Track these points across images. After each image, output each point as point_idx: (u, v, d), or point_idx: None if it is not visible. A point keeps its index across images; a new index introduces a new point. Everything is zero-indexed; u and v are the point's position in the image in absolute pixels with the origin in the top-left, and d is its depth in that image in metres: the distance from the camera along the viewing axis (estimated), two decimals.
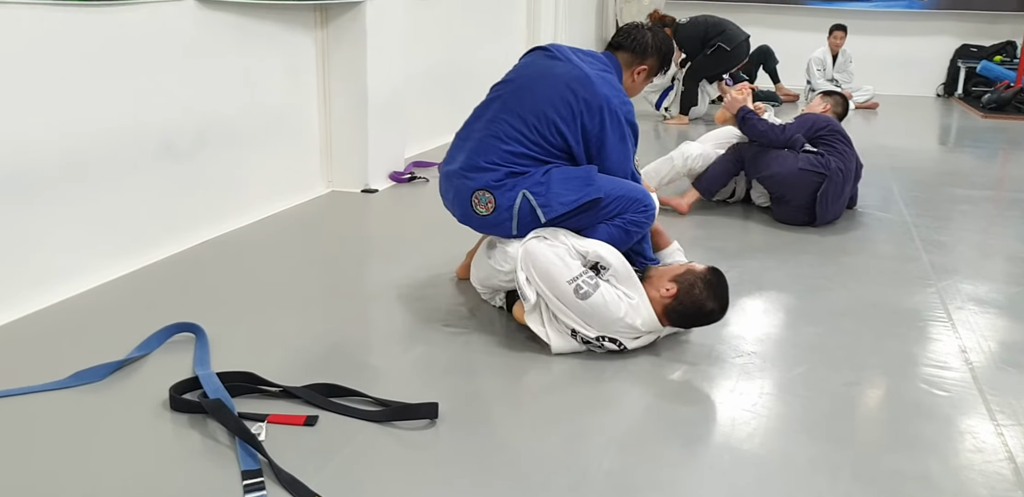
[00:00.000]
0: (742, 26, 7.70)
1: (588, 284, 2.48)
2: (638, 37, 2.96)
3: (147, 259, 3.26)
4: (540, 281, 2.51)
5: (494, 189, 2.68)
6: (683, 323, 2.65)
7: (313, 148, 4.46)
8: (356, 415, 2.14)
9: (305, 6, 4.15)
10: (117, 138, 3.08)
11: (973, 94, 10.17)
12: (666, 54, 3.02)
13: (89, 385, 2.26)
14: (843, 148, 4.22)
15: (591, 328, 2.51)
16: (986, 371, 2.58)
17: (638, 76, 3.01)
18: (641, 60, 2.98)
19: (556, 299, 2.50)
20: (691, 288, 2.57)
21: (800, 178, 4.09)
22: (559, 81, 2.73)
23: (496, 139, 2.71)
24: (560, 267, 2.50)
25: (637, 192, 2.78)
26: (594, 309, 2.47)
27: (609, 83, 2.78)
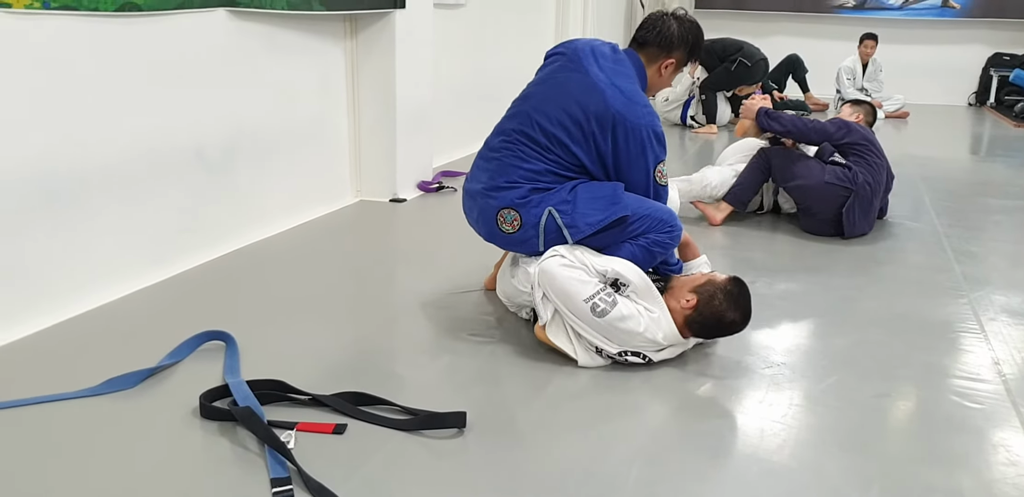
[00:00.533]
0: (772, 35, 7.78)
1: (605, 302, 2.45)
2: (663, 29, 2.81)
3: (178, 268, 3.30)
4: (558, 300, 2.51)
5: (519, 207, 2.67)
6: (704, 334, 2.63)
7: (342, 157, 4.49)
8: (384, 424, 2.14)
9: (335, 16, 4.19)
10: (148, 148, 3.12)
11: (1006, 103, 10.07)
12: (694, 44, 2.85)
13: (121, 392, 2.29)
14: (874, 160, 4.17)
15: (612, 344, 2.51)
16: (1019, 383, 2.55)
17: (665, 70, 2.86)
18: (668, 53, 2.83)
19: (575, 317, 2.49)
20: (711, 299, 2.55)
21: (826, 191, 4.05)
22: (571, 99, 2.67)
23: (516, 158, 2.70)
24: (577, 286, 2.47)
25: (663, 212, 2.72)
26: (613, 326, 2.46)
27: (625, 95, 2.67)
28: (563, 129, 2.67)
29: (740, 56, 7.49)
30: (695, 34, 2.87)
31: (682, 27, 2.84)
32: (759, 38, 9.75)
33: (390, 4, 4.31)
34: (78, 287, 2.87)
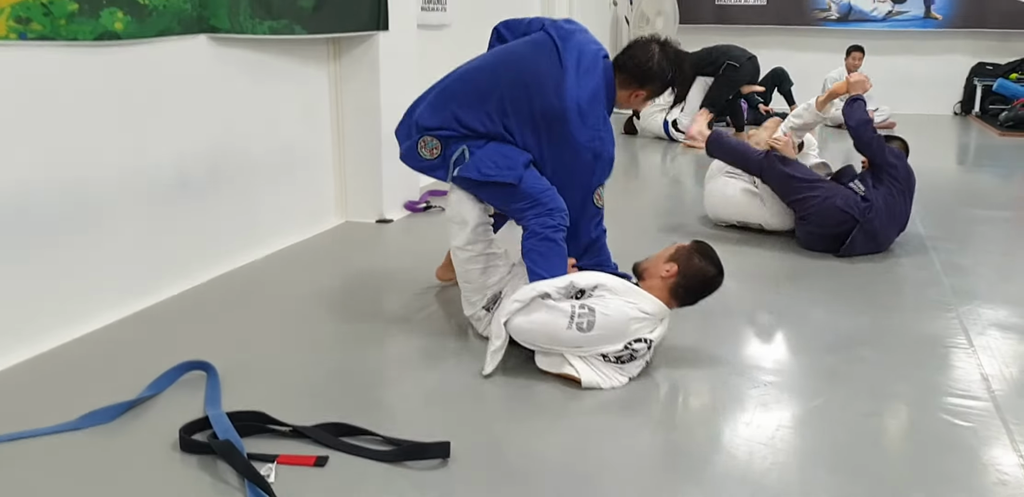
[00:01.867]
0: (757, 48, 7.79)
1: (583, 315, 2.50)
2: (644, 60, 2.84)
3: (160, 295, 3.27)
4: (548, 345, 2.56)
5: (443, 139, 2.85)
6: (691, 298, 2.72)
7: (327, 179, 4.48)
8: (367, 455, 2.11)
9: (318, 40, 4.18)
10: (130, 176, 3.10)
11: (990, 112, 10.11)
12: (671, 79, 2.88)
13: (99, 426, 2.25)
14: (897, 192, 4.10)
15: (616, 343, 2.53)
16: (1009, 399, 2.53)
17: (635, 98, 2.93)
18: (641, 85, 2.88)
19: (572, 348, 2.54)
20: (689, 260, 2.69)
21: (833, 214, 4.02)
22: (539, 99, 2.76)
23: (466, 113, 2.81)
24: (552, 323, 2.52)
25: (553, 201, 2.76)
26: (605, 328, 2.51)
27: (583, 118, 2.75)
28: (518, 119, 2.78)
29: (726, 59, 7.53)
30: (675, 67, 2.87)
31: (664, 60, 2.85)
32: None
33: (373, 26, 4.31)
34: (56, 318, 2.84)
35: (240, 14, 3.46)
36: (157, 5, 3.06)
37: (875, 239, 4.08)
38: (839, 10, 11.02)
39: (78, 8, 2.73)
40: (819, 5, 11.05)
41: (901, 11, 10.87)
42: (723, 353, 2.86)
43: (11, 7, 2.53)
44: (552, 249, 2.75)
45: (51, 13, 2.65)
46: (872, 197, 4.06)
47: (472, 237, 2.85)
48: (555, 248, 2.75)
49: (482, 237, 2.87)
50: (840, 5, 11.01)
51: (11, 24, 2.54)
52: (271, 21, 3.62)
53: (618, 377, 2.57)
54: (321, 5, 3.88)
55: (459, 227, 2.87)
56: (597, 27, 9.52)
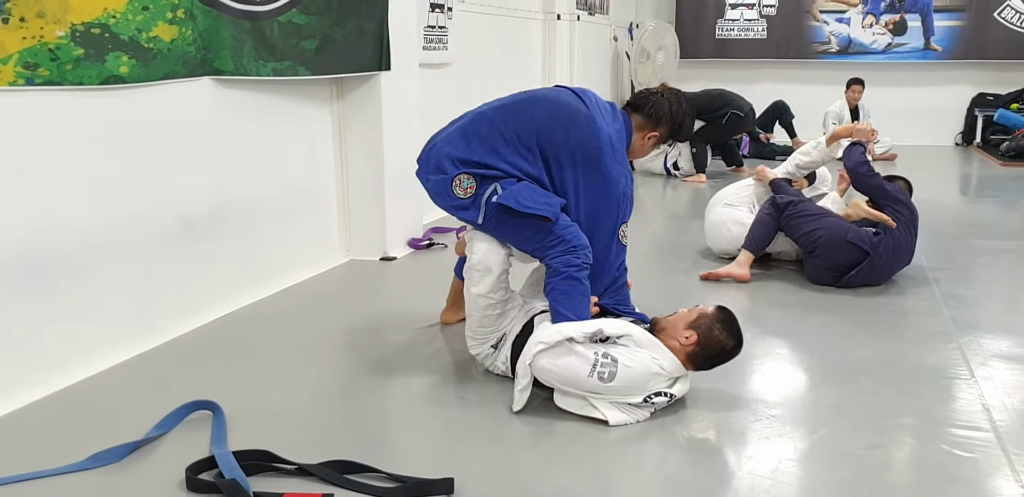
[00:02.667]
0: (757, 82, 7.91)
1: (606, 365, 2.51)
2: (656, 104, 3.02)
3: (166, 336, 3.30)
4: (568, 387, 2.58)
5: (479, 178, 2.78)
6: (707, 365, 2.72)
7: (331, 218, 4.53)
8: (371, 492, 2.13)
9: (321, 80, 4.25)
10: (135, 218, 3.15)
11: (992, 142, 10.17)
12: (680, 124, 3.06)
13: (107, 466, 2.27)
14: (903, 227, 4.13)
15: (636, 395, 2.56)
16: (1011, 430, 2.54)
17: (647, 141, 3.06)
18: (654, 127, 3.04)
19: (591, 393, 2.56)
20: (710, 331, 2.66)
21: (843, 249, 4.05)
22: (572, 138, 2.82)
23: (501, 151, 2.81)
24: (575, 369, 2.53)
25: (576, 238, 2.77)
26: (625, 381, 2.53)
27: (617, 160, 2.88)
28: (555, 154, 2.82)
29: (731, 109, 7.62)
30: (683, 115, 3.05)
31: (673, 106, 3.03)
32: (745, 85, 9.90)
33: (376, 66, 4.39)
34: (63, 360, 2.87)
35: (244, 56, 3.53)
36: (162, 48, 3.13)
37: (879, 272, 4.10)
38: (839, 43, 11.13)
39: (84, 53, 2.80)
40: (819, 38, 11.16)
41: (901, 43, 10.97)
42: (726, 385, 2.88)
43: (19, 53, 2.60)
44: (576, 288, 2.75)
45: (58, 58, 2.72)
46: (883, 230, 4.10)
47: (495, 285, 2.81)
48: (579, 287, 2.75)
49: (503, 284, 2.85)
50: (840, 38, 11.12)
51: (19, 70, 2.61)
52: (275, 63, 3.70)
53: (641, 412, 2.60)
54: (324, 46, 3.96)
55: (481, 274, 2.80)
56: (598, 62, 9.64)
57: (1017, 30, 10.52)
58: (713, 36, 11.33)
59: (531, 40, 7.72)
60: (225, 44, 3.44)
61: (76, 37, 2.77)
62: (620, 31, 10.39)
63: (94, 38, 2.83)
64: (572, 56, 8.25)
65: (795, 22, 11.15)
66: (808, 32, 11.16)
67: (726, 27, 11.33)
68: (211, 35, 3.37)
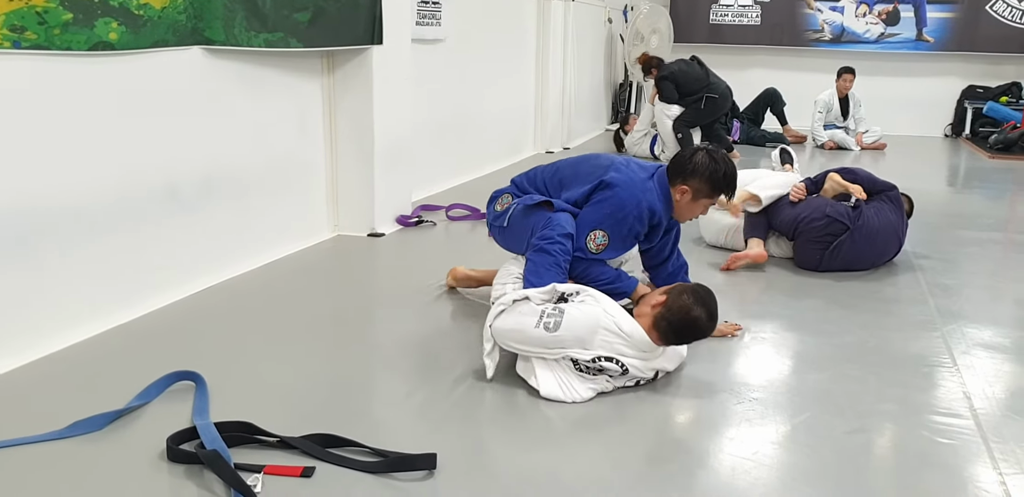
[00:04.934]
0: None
1: (552, 316, 2.57)
2: (683, 159, 3.06)
3: (150, 306, 3.28)
4: (517, 345, 2.61)
5: (516, 196, 3.22)
6: (673, 334, 2.65)
7: (319, 193, 4.50)
8: (353, 466, 2.12)
9: (312, 53, 4.21)
10: (121, 187, 3.12)
11: (980, 134, 10.20)
12: (717, 181, 3.02)
13: (87, 435, 2.26)
14: (890, 209, 4.16)
15: (585, 351, 2.56)
16: (991, 418, 2.55)
17: (681, 196, 3.06)
18: (682, 179, 3.04)
19: (541, 348, 2.58)
20: (679, 296, 2.67)
21: (823, 221, 4.08)
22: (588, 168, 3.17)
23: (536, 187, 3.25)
24: (523, 322, 2.59)
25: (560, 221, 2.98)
26: (570, 330, 2.55)
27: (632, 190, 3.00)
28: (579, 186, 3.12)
29: (706, 92, 7.62)
30: (713, 171, 3.01)
31: (701, 160, 3.02)
32: (737, 71, 9.90)
33: (368, 40, 4.34)
34: (44, 328, 2.85)
35: (235, 26, 3.49)
36: (152, 16, 3.09)
37: (861, 249, 4.11)
38: (832, 31, 11.12)
39: (72, 17, 2.75)
40: (812, 26, 11.15)
41: (893, 33, 10.97)
42: (710, 369, 2.89)
43: (5, 15, 2.55)
44: (544, 259, 2.90)
45: (46, 22, 2.68)
46: (862, 206, 4.14)
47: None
48: (547, 258, 2.90)
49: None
50: (833, 26, 11.11)
51: (5, 32, 2.56)
52: (266, 34, 3.66)
53: (580, 391, 2.58)
54: (316, 19, 3.91)
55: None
56: (591, 44, 9.60)
57: (1008, 23, 10.54)
58: (707, 21, 11.31)
59: (525, 20, 7.67)
60: (217, 14, 3.39)
61: (65, 1, 2.72)
62: (615, 13, 10.34)
63: (83, 3, 2.79)
64: (566, 37, 8.20)
65: (789, 9, 11.13)
66: (802, 20, 11.15)
67: (720, 12, 11.30)
68: (203, 4, 3.33)
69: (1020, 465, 2.26)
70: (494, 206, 3.29)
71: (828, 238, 4.09)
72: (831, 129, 9.34)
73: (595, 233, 2.99)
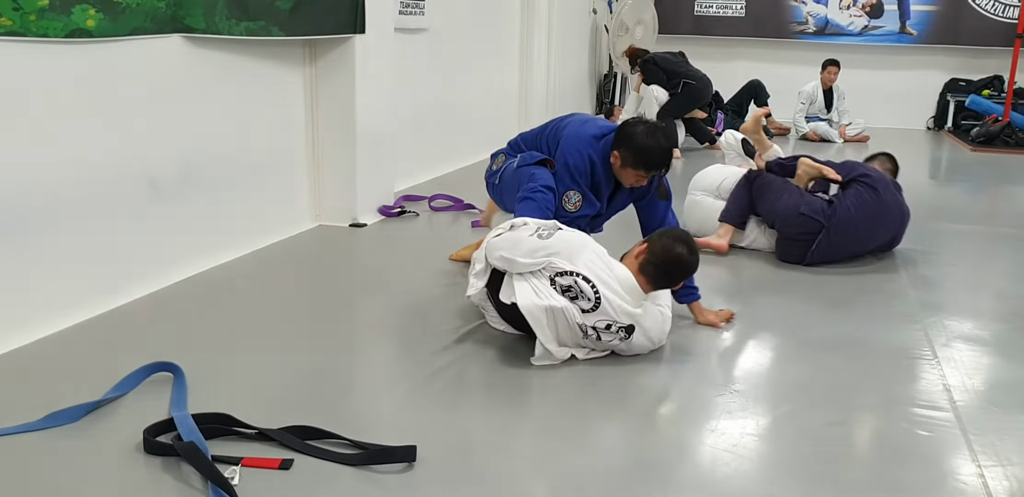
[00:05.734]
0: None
1: (547, 229, 2.78)
2: (623, 128, 3.22)
3: (128, 296, 3.24)
4: (507, 252, 2.71)
5: (509, 155, 3.48)
6: (662, 275, 2.77)
7: (301, 182, 4.47)
8: (332, 458, 2.11)
9: (294, 42, 4.17)
10: (99, 176, 3.08)
11: (962, 127, 10.25)
12: (637, 153, 3.14)
13: (62, 427, 2.23)
14: (873, 202, 4.12)
15: (570, 259, 2.65)
16: (970, 411, 2.56)
17: (615, 160, 3.23)
18: (616, 145, 3.22)
19: (528, 254, 2.67)
20: (659, 238, 2.84)
21: (798, 220, 4.08)
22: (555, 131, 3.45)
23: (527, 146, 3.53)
24: (517, 235, 2.77)
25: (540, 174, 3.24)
26: (562, 240, 2.72)
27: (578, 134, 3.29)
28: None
29: (683, 79, 7.64)
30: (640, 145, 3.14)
31: (640, 133, 3.15)
32: (721, 63, 9.91)
33: (350, 29, 4.31)
34: (21, 319, 2.81)
35: (216, 14, 3.45)
36: (130, 3, 3.05)
37: (843, 243, 4.10)
38: (816, 23, 11.13)
39: (49, 3, 2.71)
40: (796, 18, 11.15)
41: (877, 26, 10.99)
42: (690, 360, 2.89)
43: None
44: (530, 205, 3.13)
45: (21, 8, 2.63)
46: (838, 200, 4.12)
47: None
48: (532, 204, 3.13)
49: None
50: (817, 18, 11.11)
51: None
52: (248, 22, 3.62)
53: (556, 296, 2.64)
54: (298, 7, 3.88)
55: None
56: (576, 35, 9.57)
57: (991, 17, 10.57)
58: (692, 12, 11.28)
59: (509, 10, 7.63)
60: (197, 1, 3.35)
61: None
62: (600, 4, 10.31)
63: None
64: (550, 27, 8.17)
65: (773, 1, 11.11)
66: (786, 12, 11.14)
67: (705, 4, 11.28)
68: None
69: (998, 457, 2.27)
70: (492, 164, 3.56)
71: (806, 236, 4.08)
72: (814, 121, 9.36)
73: (567, 194, 3.19)
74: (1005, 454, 2.29)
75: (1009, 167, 7.92)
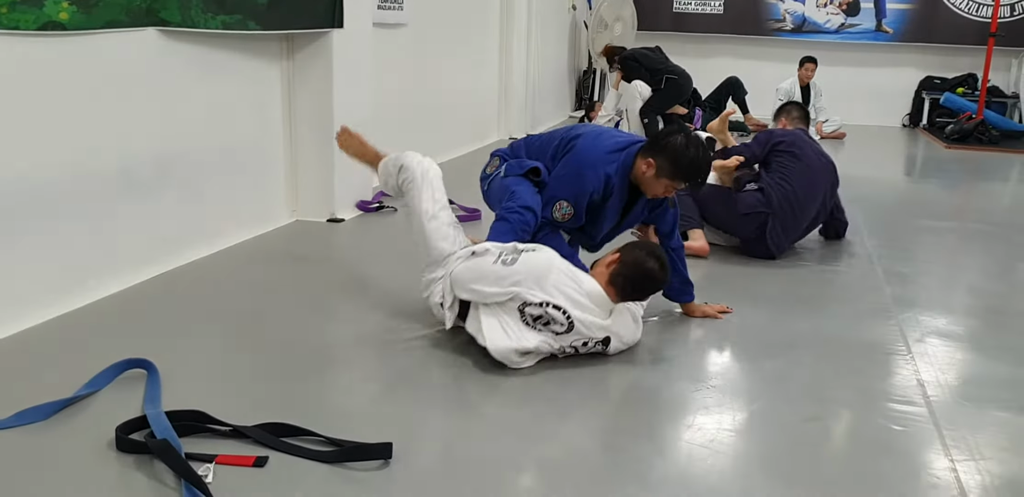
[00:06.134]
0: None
1: (509, 254, 2.70)
2: (663, 136, 3.10)
3: (102, 292, 3.21)
4: (473, 284, 2.68)
5: (503, 158, 3.40)
6: (628, 288, 2.73)
7: (278, 177, 4.44)
8: (307, 455, 2.10)
9: (271, 36, 4.14)
10: (71, 170, 3.05)
11: (937, 125, 10.32)
12: (681, 165, 3.00)
13: (33, 424, 2.21)
14: (799, 167, 4.15)
15: (534, 289, 2.61)
16: (943, 406, 2.58)
17: (647, 168, 3.04)
18: (652, 153, 3.05)
19: (494, 283, 2.64)
20: (631, 251, 2.78)
21: (743, 222, 4.14)
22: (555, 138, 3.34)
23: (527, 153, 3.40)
24: (481, 262, 2.71)
25: (522, 193, 3.12)
26: (526, 264, 2.65)
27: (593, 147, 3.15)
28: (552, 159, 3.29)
29: (665, 74, 7.67)
30: (686, 157, 3.00)
31: (679, 143, 3.02)
32: (700, 60, 9.91)
33: (328, 23, 4.28)
34: None
35: (192, 8, 3.42)
36: None
37: (795, 221, 4.14)
38: (793, 21, 11.18)
39: None
40: (774, 15, 11.19)
41: (854, 24, 11.05)
42: (667, 356, 2.89)
43: None
44: (504, 226, 3.05)
45: None
46: (767, 185, 4.16)
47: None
48: (506, 225, 3.05)
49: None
50: (794, 16, 11.17)
51: None
52: (224, 16, 3.59)
53: (527, 336, 2.62)
54: (275, 1, 3.85)
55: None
56: (555, 31, 9.56)
57: (965, 16, 10.66)
58: (671, 9, 11.31)
59: (489, 5, 7.61)
60: None
61: None
62: (579, 0, 10.30)
63: None
64: (530, 23, 8.16)
65: None
66: (764, 9, 11.19)
67: (684, 1, 11.30)
68: None
69: (971, 452, 2.29)
70: (487, 165, 3.50)
71: (760, 230, 4.12)
72: None
73: (560, 203, 3.13)
74: (977, 448, 2.31)
75: (982, 164, 7.99)
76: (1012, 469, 2.22)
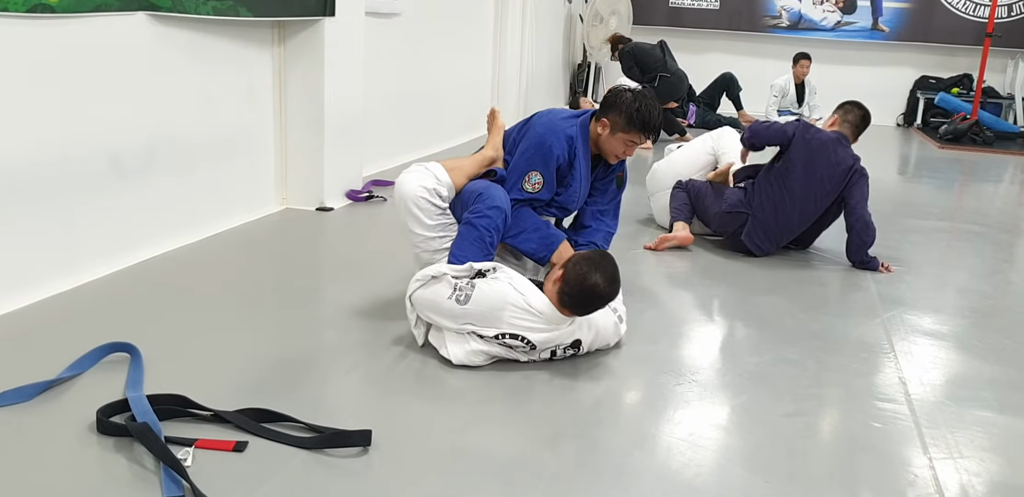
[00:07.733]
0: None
1: (464, 289, 2.61)
2: (610, 95, 3.19)
3: (88, 276, 3.20)
4: (435, 316, 2.66)
5: None
6: (576, 303, 2.62)
7: (267, 165, 4.43)
8: (287, 441, 2.10)
9: (262, 23, 4.13)
10: (60, 154, 3.03)
11: (931, 125, 10.34)
12: (631, 115, 3.09)
13: (15, 406, 2.21)
14: (798, 174, 4.05)
15: (489, 327, 2.59)
16: (924, 404, 2.59)
17: (602, 130, 3.15)
18: (603, 113, 3.16)
19: (450, 320, 2.62)
20: (574, 266, 2.63)
21: (725, 219, 4.18)
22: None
23: None
24: (438, 293, 2.64)
25: (492, 195, 2.95)
26: (478, 304, 2.58)
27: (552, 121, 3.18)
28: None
29: (659, 72, 7.68)
30: (643, 110, 3.10)
31: (632, 100, 3.11)
32: (695, 55, 9.91)
33: (320, 11, 4.27)
34: None
35: None
36: None
37: (775, 226, 4.10)
38: (789, 18, 11.18)
39: None
40: (770, 12, 11.19)
41: (850, 22, 11.05)
42: (649, 351, 2.90)
43: None
44: (470, 233, 2.91)
45: None
46: (751, 187, 4.17)
47: None
48: (473, 232, 2.91)
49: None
50: (791, 13, 11.16)
51: None
52: (215, 1, 3.57)
53: (496, 350, 2.63)
54: None
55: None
56: (550, 24, 9.54)
57: (962, 16, 10.67)
58: (667, 3, 11.29)
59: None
60: None
61: None
62: None
63: None
64: (525, 15, 8.14)
65: None
66: (760, 5, 11.18)
67: None
68: None
69: (949, 450, 2.30)
70: None
71: (740, 230, 4.15)
72: (785, 115, 9.41)
73: (530, 174, 3.13)
74: (956, 447, 2.32)
75: (975, 165, 8.01)
76: (990, 468, 2.23)
